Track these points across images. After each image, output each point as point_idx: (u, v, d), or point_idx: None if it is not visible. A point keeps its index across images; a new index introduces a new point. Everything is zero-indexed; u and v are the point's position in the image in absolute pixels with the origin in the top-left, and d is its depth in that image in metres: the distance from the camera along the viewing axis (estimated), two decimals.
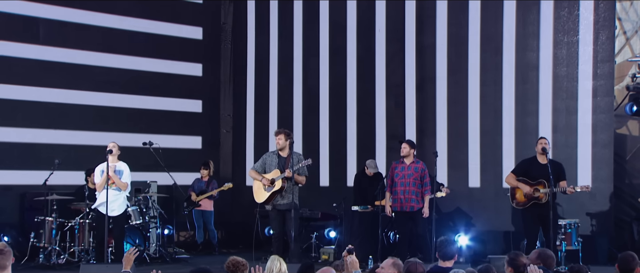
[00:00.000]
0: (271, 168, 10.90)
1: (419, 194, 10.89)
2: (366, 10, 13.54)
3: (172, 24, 14.34)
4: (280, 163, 10.86)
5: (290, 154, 10.88)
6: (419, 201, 10.86)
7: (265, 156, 11.20)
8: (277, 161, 10.90)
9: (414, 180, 10.87)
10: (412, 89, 13.14)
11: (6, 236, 11.61)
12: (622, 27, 11.97)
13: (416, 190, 10.88)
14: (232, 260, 6.13)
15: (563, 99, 11.84)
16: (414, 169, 10.90)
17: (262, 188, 10.90)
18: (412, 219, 10.88)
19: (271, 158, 11.02)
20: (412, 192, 10.87)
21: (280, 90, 14.51)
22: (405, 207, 10.86)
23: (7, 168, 12.39)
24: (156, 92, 14.09)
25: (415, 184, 10.87)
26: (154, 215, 12.13)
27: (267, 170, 10.92)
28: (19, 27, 12.71)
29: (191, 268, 6.24)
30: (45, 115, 12.92)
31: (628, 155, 11.94)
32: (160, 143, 12.45)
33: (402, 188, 10.91)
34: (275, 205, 10.88)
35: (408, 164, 10.93)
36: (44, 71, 12.91)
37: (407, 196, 10.89)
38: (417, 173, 10.89)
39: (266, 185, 10.80)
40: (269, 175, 10.82)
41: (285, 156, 10.86)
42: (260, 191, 10.95)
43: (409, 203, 10.85)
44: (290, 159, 10.78)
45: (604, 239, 11.49)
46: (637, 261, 6.68)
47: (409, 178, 10.89)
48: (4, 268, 6.24)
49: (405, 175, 10.93)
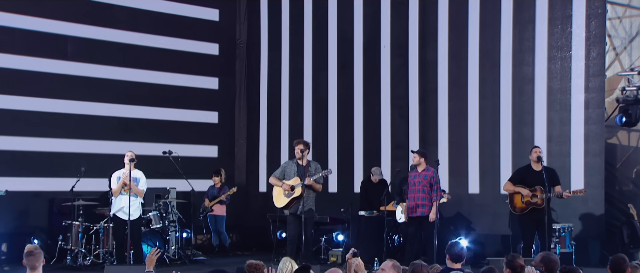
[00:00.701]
0: (290, 175, 10.89)
1: (429, 199, 10.83)
2: (372, 27, 13.54)
3: (190, 41, 14.34)
4: (299, 171, 10.81)
5: (308, 163, 10.91)
6: (427, 207, 10.81)
7: (285, 164, 11.20)
8: (296, 169, 10.87)
9: (423, 186, 10.82)
10: (415, 101, 13.13)
11: (36, 239, 11.60)
12: (612, 44, 11.95)
13: (425, 196, 10.83)
14: (250, 264, 6.14)
15: (557, 111, 11.82)
16: (423, 176, 10.86)
17: (282, 193, 10.90)
18: (421, 224, 10.83)
19: (290, 166, 10.99)
20: (421, 198, 10.83)
21: (291, 102, 14.50)
22: (415, 212, 10.84)
23: (36, 175, 12.39)
24: (175, 104, 14.10)
25: (424, 190, 10.82)
26: (173, 220, 12.11)
27: (286, 177, 10.92)
28: (49, 44, 12.74)
29: (208, 269, 6.35)
30: (72, 126, 12.93)
31: (618, 163, 11.92)
32: (179, 152, 12.44)
33: (412, 195, 10.90)
34: (292, 210, 10.85)
35: (419, 172, 10.90)
36: (71, 85, 12.95)
37: (416, 202, 10.85)
38: (426, 180, 10.84)
39: (286, 191, 10.80)
40: (289, 182, 10.82)
41: (304, 165, 10.85)
42: (280, 197, 10.95)
43: (418, 209, 10.82)
44: (309, 168, 10.81)
45: (596, 242, 11.47)
46: (628, 263, 6.66)
47: (418, 185, 10.86)
48: (35, 269, 6.44)
49: (416, 182, 10.92)
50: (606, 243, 11.39)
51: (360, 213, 11.89)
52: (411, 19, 13.15)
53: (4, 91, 12.35)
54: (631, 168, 12.11)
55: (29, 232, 12.02)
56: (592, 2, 11.56)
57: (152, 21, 13.89)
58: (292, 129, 14.27)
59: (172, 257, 11.68)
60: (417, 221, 10.84)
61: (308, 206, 10.81)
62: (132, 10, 13.66)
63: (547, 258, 6.67)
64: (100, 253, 11.27)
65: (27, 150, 12.50)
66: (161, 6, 14.05)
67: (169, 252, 11.70)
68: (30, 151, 12.51)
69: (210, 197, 13.06)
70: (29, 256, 6.48)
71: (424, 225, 10.77)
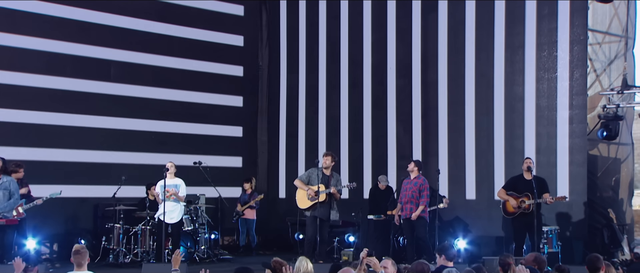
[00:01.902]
0: (314, 181, 10.84)
1: (415, 204, 10.77)
2: (379, 51, 13.53)
3: (218, 63, 14.32)
4: (323, 179, 10.82)
5: (331, 173, 10.93)
6: (413, 210, 10.74)
7: (310, 171, 11.15)
8: (320, 177, 10.83)
9: (412, 192, 10.79)
10: (418, 117, 13.13)
11: (83, 239, 11.65)
12: (593, 66, 11.89)
13: (414, 200, 10.78)
14: (276, 260, 6.14)
15: (544, 126, 11.80)
16: (414, 183, 10.83)
17: (305, 196, 10.88)
18: (412, 225, 10.78)
19: (315, 173, 10.95)
20: (411, 202, 10.80)
21: (307, 117, 14.47)
22: (405, 215, 10.82)
23: (83, 183, 12.41)
24: (204, 120, 14.08)
25: (413, 195, 10.79)
26: (203, 223, 12.04)
27: (311, 182, 10.89)
28: (94, 68, 12.83)
29: (234, 266, 6.14)
30: (114, 140, 12.96)
31: (599, 173, 11.88)
32: (207, 162, 12.52)
33: (404, 199, 10.89)
34: (315, 212, 10.82)
35: (411, 179, 10.90)
36: (114, 104, 13.01)
37: (407, 205, 10.83)
38: (416, 187, 10.79)
39: (311, 195, 10.77)
40: (314, 187, 10.75)
41: (328, 175, 10.87)
42: (303, 199, 10.94)
43: (408, 211, 10.78)
44: (332, 178, 10.86)
45: (579, 243, 11.40)
46: (602, 261, 6.69)
47: (409, 190, 10.84)
48: (81, 266, 6.50)
49: (407, 188, 10.90)
50: (588, 244, 11.35)
51: (369, 216, 11.86)
52: (414, 44, 13.19)
53: (57, 109, 12.40)
54: (611, 176, 12.04)
55: (76, 233, 12.10)
56: (575, 29, 11.54)
57: (185, 47, 13.89)
58: (308, 142, 14.27)
59: (201, 256, 11.61)
60: (408, 222, 10.81)
61: (334, 215, 10.96)
62: (167, 37, 13.68)
63: (539, 258, 6.80)
64: (138, 252, 11.28)
65: (75, 161, 12.51)
66: (192, 33, 14.01)
67: (199, 252, 11.66)
68: (78, 161, 12.54)
69: (242, 202, 13.05)
70: (76, 254, 6.56)
71: (416, 226, 10.75)
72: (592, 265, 6.60)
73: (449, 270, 6.05)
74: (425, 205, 10.74)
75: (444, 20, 12.90)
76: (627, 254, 10.96)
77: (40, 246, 11.65)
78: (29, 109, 12.19)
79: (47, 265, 10.32)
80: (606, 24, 12.13)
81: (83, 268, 6.51)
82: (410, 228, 10.83)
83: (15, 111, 12.05)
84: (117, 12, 13.09)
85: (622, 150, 12.17)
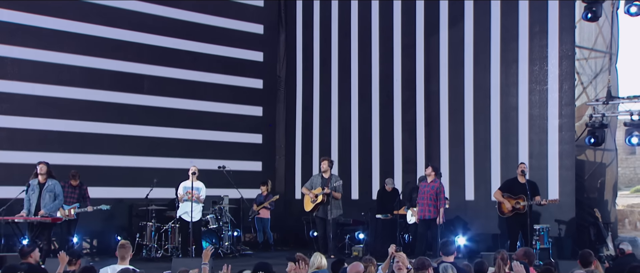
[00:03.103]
0: (316, 186, 11.02)
1: (434, 205, 10.69)
2: (386, 65, 13.54)
3: (240, 77, 14.33)
4: (322, 182, 10.98)
5: (330, 176, 10.99)
6: (432, 212, 10.66)
7: (313, 177, 11.30)
8: (321, 181, 11.01)
9: (430, 195, 10.71)
10: (422, 125, 13.11)
11: (119, 236, 11.67)
12: (580, 79, 11.86)
13: (433, 203, 10.69)
14: (299, 255, 6.31)
15: (536, 133, 11.81)
16: (431, 186, 10.76)
17: (309, 200, 11.08)
18: (429, 225, 10.76)
19: (317, 178, 11.12)
20: (429, 204, 10.73)
21: (320, 125, 14.46)
22: (423, 215, 10.76)
23: (119, 185, 12.48)
24: (227, 128, 14.06)
25: (431, 198, 10.70)
26: (226, 221, 12.06)
27: (314, 187, 11.05)
28: (129, 81, 12.93)
29: (255, 261, 6.20)
30: (146, 146, 13.03)
31: (586, 175, 11.87)
32: (230, 167, 12.49)
33: (422, 201, 10.82)
34: (318, 214, 11.00)
35: (428, 183, 10.83)
36: (147, 114, 13.09)
37: (425, 207, 10.77)
38: (433, 190, 10.71)
39: (312, 198, 10.99)
40: (314, 191, 10.97)
41: (327, 178, 10.95)
42: (308, 203, 11.15)
43: (426, 213, 10.74)
44: (330, 180, 10.92)
45: (568, 240, 11.43)
46: (593, 256, 6.84)
47: (427, 194, 10.75)
48: (124, 259, 6.64)
49: (425, 191, 10.80)
50: (577, 240, 11.37)
51: (377, 216, 11.85)
52: (418, 58, 13.17)
53: (97, 118, 12.51)
54: (596, 179, 12.03)
55: (113, 231, 12.26)
56: (564, 46, 11.56)
57: (210, 62, 13.88)
58: (322, 148, 14.23)
59: (225, 251, 11.65)
60: (426, 223, 10.76)
61: (337, 212, 10.93)
62: (194, 54, 13.70)
63: (528, 252, 6.94)
64: (168, 247, 11.36)
65: (112, 165, 12.60)
66: (217, 50, 13.99)
67: (223, 247, 11.70)
68: (115, 166, 12.63)
69: (258, 203, 13.05)
70: (121, 248, 6.67)
71: (431, 226, 10.71)
72: (585, 260, 6.74)
73: (445, 265, 6.08)
74: (444, 206, 10.74)
75: (444, 38, 12.91)
76: (611, 250, 11.06)
77: (82, 241, 11.94)
78: (72, 119, 12.29)
79: (88, 259, 9.88)
80: (592, 41, 12.12)
81: (126, 261, 6.63)
82: (427, 227, 10.80)
83: (60, 121, 12.15)
84: (150, 31, 13.18)
85: (606, 155, 12.17)
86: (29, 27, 11.93)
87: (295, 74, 14.99)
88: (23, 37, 11.87)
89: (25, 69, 11.94)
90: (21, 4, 11.81)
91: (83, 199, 10.88)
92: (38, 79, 12.04)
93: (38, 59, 12.05)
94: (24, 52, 11.89)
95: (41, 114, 12.03)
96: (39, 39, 12.01)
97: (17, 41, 11.81)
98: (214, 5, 14.06)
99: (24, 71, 11.92)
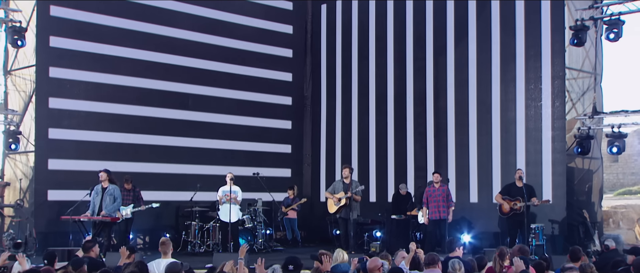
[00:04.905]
0: (338, 190, 11.14)
1: (445, 207, 10.87)
2: (400, 84, 13.56)
3: (272, 95, 14.43)
4: (344, 187, 11.10)
5: (351, 181, 11.11)
6: (443, 212, 10.81)
7: (335, 183, 11.45)
8: (342, 186, 11.12)
9: (441, 198, 10.90)
10: (431, 136, 13.16)
11: (167, 233, 11.82)
12: (570, 97, 11.92)
13: (444, 204, 10.88)
14: (322, 252, 6.31)
15: (532, 144, 11.88)
16: (441, 190, 10.94)
17: (333, 203, 11.21)
18: (439, 225, 10.90)
19: (338, 184, 11.26)
20: (441, 206, 10.89)
21: (342, 137, 14.47)
22: (436, 216, 10.88)
23: (167, 190, 12.59)
24: (261, 139, 14.11)
25: (443, 200, 10.89)
26: (260, 221, 12.10)
27: (336, 191, 11.19)
28: (176, 99, 13.10)
29: (285, 256, 6.24)
30: (191, 155, 13.14)
31: (575, 181, 11.93)
32: (263, 173, 12.56)
33: (434, 204, 10.93)
34: (341, 215, 11.12)
35: (437, 188, 10.97)
36: (191, 127, 13.20)
37: (438, 209, 10.91)
38: (444, 194, 10.91)
39: (335, 201, 11.13)
40: (337, 195, 11.09)
41: (348, 183, 11.07)
42: (331, 205, 11.29)
43: (438, 214, 10.87)
44: (351, 185, 11.05)
45: (560, 237, 11.43)
46: (582, 252, 6.93)
47: (438, 196, 10.91)
48: (166, 254, 6.73)
49: (435, 195, 10.93)
50: (567, 238, 11.40)
51: (392, 216, 11.86)
52: (428, 77, 13.23)
53: (148, 131, 12.66)
54: (585, 184, 12.10)
55: (162, 229, 12.35)
56: (555, 67, 11.63)
57: (246, 82, 13.98)
58: (344, 157, 14.26)
59: (259, 247, 11.71)
60: (436, 222, 10.89)
61: (355, 213, 11.08)
62: (232, 75, 13.82)
63: (522, 248, 7.02)
64: (210, 244, 11.42)
65: (161, 172, 12.74)
66: (252, 71, 14.11)
67: (257, 244, 11.75)
68: (163, 172, 12.77)
69: (286, 205, 13.11)
70: (162, 245, 6.79)
71: (442, 225, 10.85)
72: (574, 255, 6.78)
73: (453, 261, 6.06)
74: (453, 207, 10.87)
75: (451, 59, 12.96)
76: (598, 246, 11.16)
77: (136, 238, 12.11)
78: (128, 132, 12.46)
79: (141, 253, 10.03)
80: (580, 63, 12.17)
81: (168, 256, 6.72)
82: (437, 226, 10.88)
83: (118, 134, 12.37)
84: (194, 56, 13.30)
85: (593, 163, 12.22)
86: (93, 54, 12.22)
87: (320, 92, 15.03)
88: (87, 63, 12.13)
89: (89, 90, 12.20)
90: (87, 34, 12.11)
91: (137, 200, 11.01)
92: (100, 98, 12.27)
93: (100, 81, 12.32)
94: (88, 76, 12.17)
95: (102, 128, 12.26)
96: (100, 63, 12.27)
97: (81, 66, 12.08)
98: (249, 32, 14.13)
99: (88, 91, 12.18)
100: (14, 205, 11.89)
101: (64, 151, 11.84)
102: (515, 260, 6.07)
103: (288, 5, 14.87)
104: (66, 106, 11.98)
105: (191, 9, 13.40)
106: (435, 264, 6.03)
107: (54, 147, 11.79)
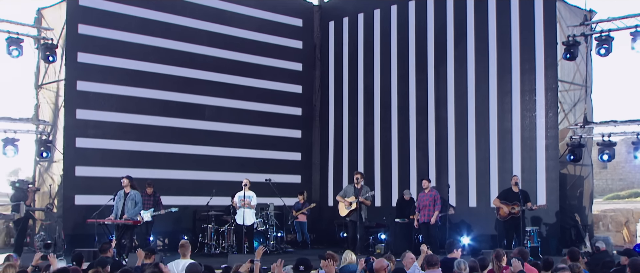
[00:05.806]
0: (349, 194, 11.11)
1: (432, 211, 10.92)
2: (403, 95, 13.66)
3: (282, 106, 14.52)
4: (355, 192, 11.05)
5: (361, 186, 11.07)
6: (430, 216, 10.86)
7: (346, 187, 11.40)
8: (353, 191, 11.08)
9: (429, 202, 11.01)
10: (433, 145, 13.19)
11: (185, 236, 11.81)
12: (562, 107, 11.96)
13: (431, 208, 10.95)
14: (329, 253, 6.28)
15: (528, 151, 11.89)
16: (429, 195, 11.06)
17: (344, 207, 11.17)
18: (428, 227, 10.96)
19: (350, 188, 11.21)
20: (428, 209, 11.00)
21: (349, 146, 14.51)
22: (426, 219, 10.95)
23: (185, 195, 12.67)
24: (273, 147, 14.17)
25: (430, 204, 10.98)
26: (272, 224, 12.14)
27: (347, 196, 11.14)
28: (194, 110, 13.21)
29: (296, 257, 6.22)
30: (207, 163, 13.20)
31: (568, 186, 11.95)
32: (275, 179, 12.61)
33: (423, 208, 11.09)
34: (351, 218, 11.10)
35: (426, 193, 11.10)
36: (207, 136, 13.30)
37: (425, 212, 11.06)
38: (431, 198, 11.00)
39: (346, 205, 11.10)
40: (348, 199, 11.05)
41: (359, 188, 11.03)
42: (342, 209, 11.25)
43: (426, 217, 10.96)
44: (361, 190, 11.01)
45: (554, 239, 11.47)
46: (580, 253, 7.04)
47: (426, 201, 11.06)
48: (185, 256, 6.84)
49: (424, 199, 11.10)
50: (560, 240, 11.46)
51: (396, 220, 11.89)
52: (429, 89, 13.29)
53: (168, 140, 12.79)
54: (576, 189, 12.12)
55: (180, 231, 12.41)
56: (549, 80, 11.67)
57: (258, 94, 14.06)
58: (350, 164, 14.33)
59: (271, 249, 11.72)
60: (426, 225, 10.94)
61: (364, 216, 11.01)
62: (246, 87, 13.94)
63: (522, 250, 7.11)
64: (225, 246, 11.53)
65: (180, 178, 12.83)
66: (264, 84, 14.22)
67: (269, 246, 11.79)
68: (182, 178, 12.87)
69: (296, 209, 13.13)
70: (181, 247, 6.93)
71: (430, 227, 10.90)
72: (573, 256, 6.87)
73: (458, 261, 6.11)
74: (439, 210, 10.94)
75: (451, 72, 13.02)
76: (588, 247, 11.17)
77: (156, 240, 12.07)
78: (149, 141, 12.61)
79: (161, 255, 9.68)
80: (571, 76, 12.22)
81: (187, 257, 6.81)
82: (427, 229, 10.98)
83: (139, 142, 12.54)
84: (210, 69, 13.41)
85: (584, 170, 12.27)
86: (117, 68, 12.43)
87: (328, 103, 15.10)
88: (111, 76, 12.32)
89: (113, 102, 12.38)
90: (111, 50, 12.31)
91: (157, 204, 11.13)
92: (123, 109, 12.46)
93: (123, 94, 12.51)
94: (112, 88, 12.36)
95: (125, 138, 12.43)
96: (124, 77, 12.45)
97: (106, 80, 12.28)
98: (262, 47, 14.23)
99: (112, 103, 12.36)
100: (44, 209, 12.08)
101: (90, 158, 12.00)
102: (513, 261, 6.15)
103: (298, 22, 15.01)
104: (92, 117, 12.17)
105: (209, 26, 13.57)
106: (435, 265, 6.09)
107: (81, 155, 11.96)
